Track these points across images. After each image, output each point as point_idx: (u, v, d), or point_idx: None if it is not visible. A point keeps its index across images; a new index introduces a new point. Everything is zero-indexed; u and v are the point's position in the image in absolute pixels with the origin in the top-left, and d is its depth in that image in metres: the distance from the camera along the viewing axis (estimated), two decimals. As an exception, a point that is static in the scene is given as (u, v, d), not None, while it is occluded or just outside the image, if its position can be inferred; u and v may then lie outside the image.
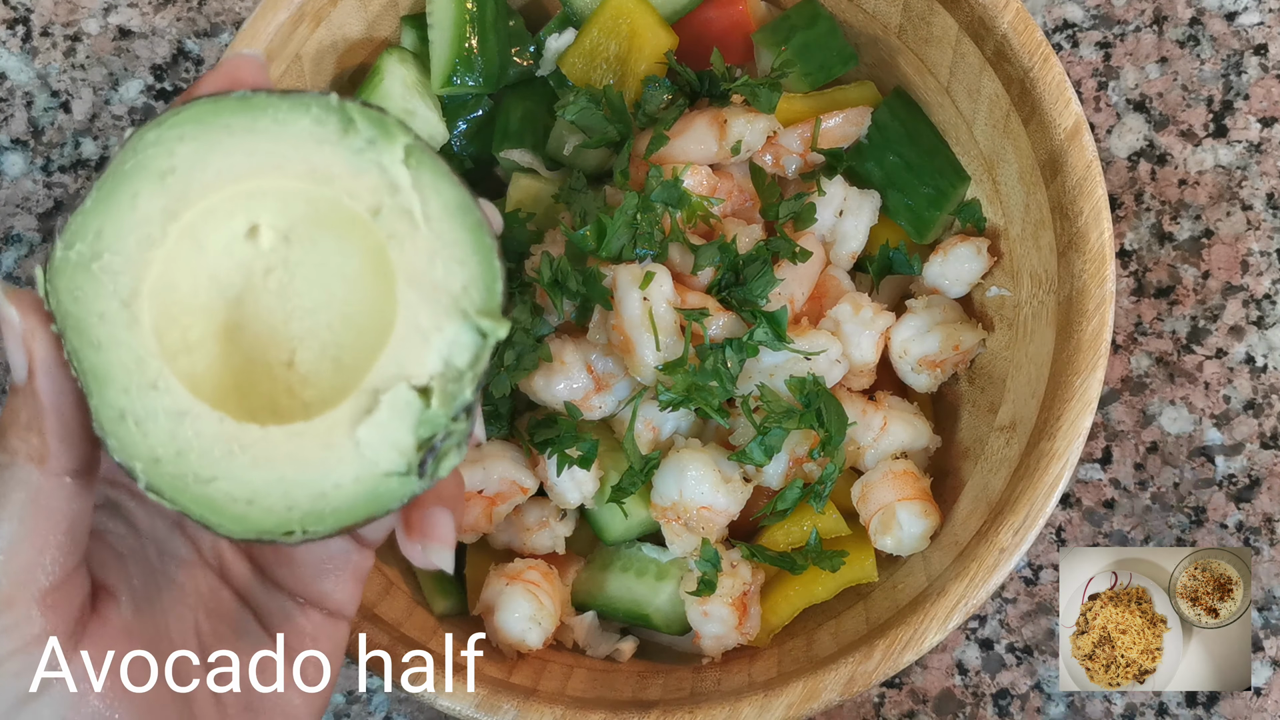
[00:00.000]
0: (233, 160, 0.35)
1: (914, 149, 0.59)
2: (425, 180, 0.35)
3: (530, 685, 0.52)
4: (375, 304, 0.35)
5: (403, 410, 0.34)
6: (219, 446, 0.34)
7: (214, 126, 0.34)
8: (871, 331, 0.56)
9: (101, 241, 0.34)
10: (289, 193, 0.35)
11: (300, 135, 0.35)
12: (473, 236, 0.35)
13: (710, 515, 0.54)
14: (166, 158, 0.34)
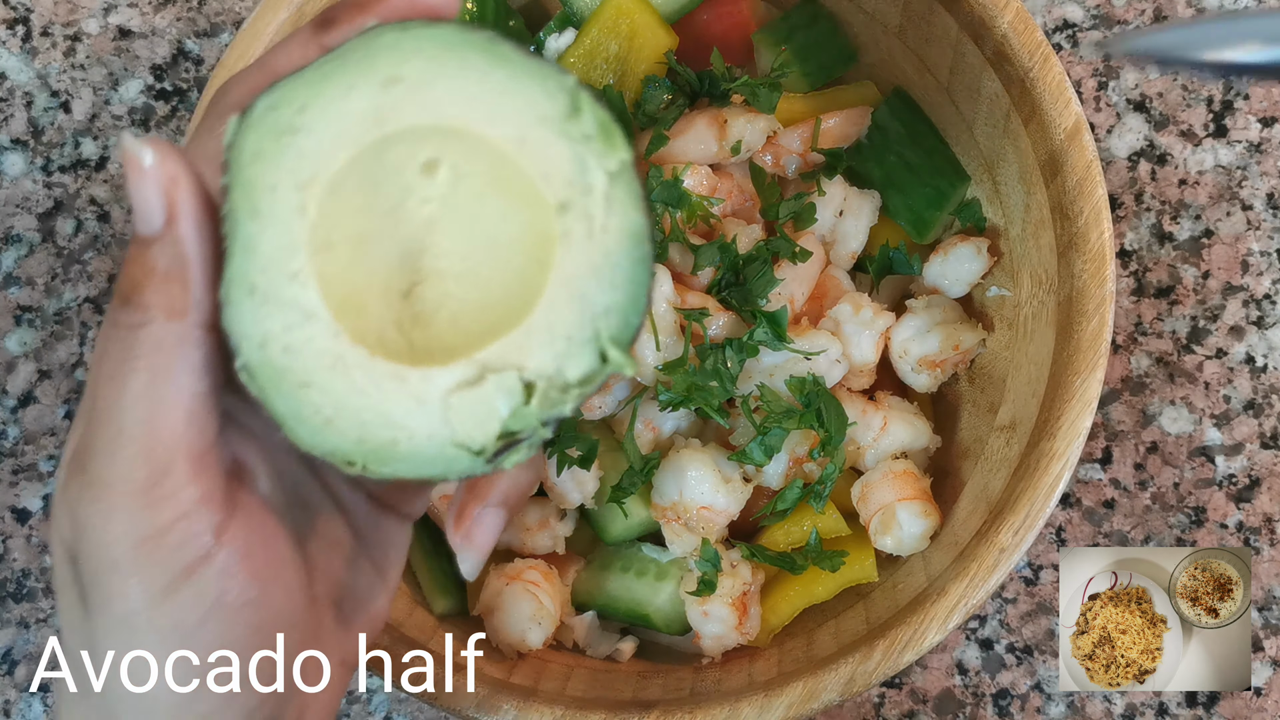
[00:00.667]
0: (454, 95, 0.34)
1: (914, 149, 0.59)
2: (617, 195, 0.35)
3: (530, 685, 0.52)
4: (516, 285, 0.35)
5: (504, 396, 0.34)
6: (325, 358, 0.33)
7: (453, 56, 0.34)
8: (871, 331, 0.56)
9: (301, 117, 0.33)
10: (486, 147, 0.35)
11: (525, 101, 0.34)
12: (634, 268, 0.35)
13: (710, 515, 0.54)
14: (397, 65, 0.34)
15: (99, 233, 0.66)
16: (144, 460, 0.32)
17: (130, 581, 0.32)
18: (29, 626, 0.63)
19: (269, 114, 0.33)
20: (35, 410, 0.64)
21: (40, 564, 0.63)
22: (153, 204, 0.32)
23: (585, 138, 0.34)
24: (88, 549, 0.32)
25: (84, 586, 0.33)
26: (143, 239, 0.33)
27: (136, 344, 0.32)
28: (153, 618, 0.33)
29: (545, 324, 0.34)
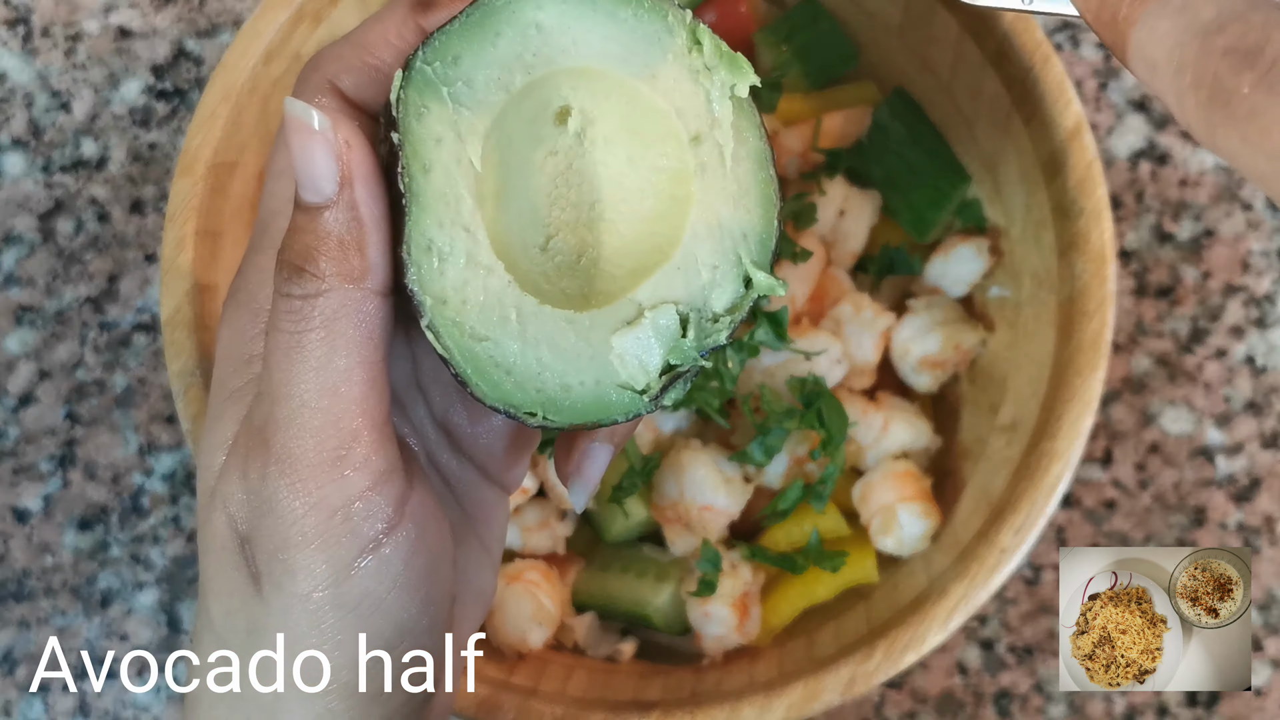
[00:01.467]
0: (587, 36, 0.34)
1: (915, 149, 0.59)
2: (742, 123, 0.35)
3: (530, 685, 0.52)
4: (660, 223, 0.35)
5: (662, 333, 0.34)
6: (499, 310, 0.33)
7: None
8: (872, 331, 0.56)
9: (457, 69, 0.33)
10: (620, 87, 0.35)
11: (650, 37, 0.35)
12: (763, 190, 0.35)
13: (711, 515, 0.54)
14: (536, 9, 0.34)
15: (99, 233, 0.66)
16: (331, 431, 0.31)
17: (318, 556, 0.31)
18: (29, 626, 0.63)
19: (426, 67, 0.33)
20: (35, 410, 0.64)
21: (40, 564, 0.63)
22: (324, 169, 0.31)
23: (707, 69, 0.35)
24: (271, 526, 0.31)
25: (259, 567, 0.32)
26: (312, 206, 0.31)
27: (313, 313, 0.31)
28: (338, 594, 0.31)
29: (691, 257, 0.35)
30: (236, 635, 0.33)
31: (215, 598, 0.33)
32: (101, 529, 0.63)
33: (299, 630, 0.32)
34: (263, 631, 0.32)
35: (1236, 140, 0.26)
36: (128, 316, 0.65)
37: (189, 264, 0.51)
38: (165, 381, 0.64)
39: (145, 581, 0.63)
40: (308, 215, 0.31)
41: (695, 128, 0.35)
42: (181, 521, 0.64)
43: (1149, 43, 0.27)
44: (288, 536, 0.31)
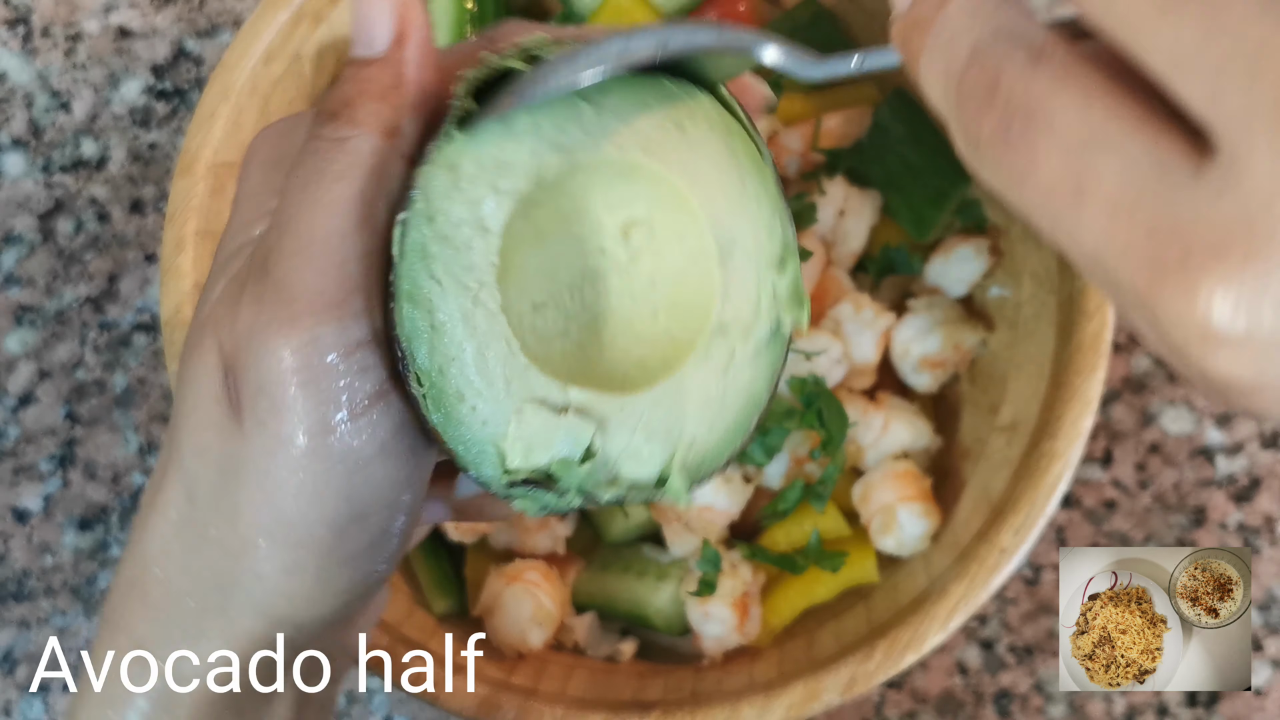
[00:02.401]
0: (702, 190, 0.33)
1: (915, 149, 0.59)
2: (765, 357, 0.34)
3: (530, 686, 0.52)
4: (651, 354, 0.34)
5: (568, 441, 0.32)
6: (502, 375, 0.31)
7: (709, 165, 0.33)
8: (872, 331, 0.56)
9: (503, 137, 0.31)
10: (672, 192, 0.33)
11: (748, 218, 0.33)
12: (738, 426, 0.34)
13: (711, 516, 0.54)
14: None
15: (99, 233, 0.66)
16: (336, 273, 0.30)
17: (308, 398, 0.30)
18: (29, 626, 0.63)
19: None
20: (35, 410, 0.64)
21: (40, 564, 0.63)
22: (380, 23, 0.31)
23: (774, 293, 0.33)
24: (261, 357, 0.30)
25: (242, 399, 0.30)
26: (361, 60, 0.31)
27: (341, 155, 0.30)
28: (324, 444, 0.30)
29: (638, 412, 0.32)
30: (207, 474, 0.31)
31: (188, 432, 0.31)
32: (101, 529, 0.63)
33: (277, 476, 0.30)
34: (237, 472, 0.31)
35: (1001, 183, 0.24)
36: (128, 316, 0.65)
37: (189, 264, 0.51)
38: (165, 381, 0.64)
39: (145, 581, 0.63)
40: (354, 68, 0.31)
41: (729, 319, 0.33)
42: (181, 521, 0.64)
43: (926, 85, 0.26)
44: (278, 371, 0.29)
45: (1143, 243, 0.21)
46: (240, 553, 0.31)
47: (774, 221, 0.33)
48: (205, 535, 0.31)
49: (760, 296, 0.33)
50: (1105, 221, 0.22)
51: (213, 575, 0.32)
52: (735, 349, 0.33)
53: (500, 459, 0.31)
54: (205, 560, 0.32)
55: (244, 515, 0.31)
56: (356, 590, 0.33)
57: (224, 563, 0.31)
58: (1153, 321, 0.21)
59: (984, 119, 0.23)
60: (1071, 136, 0.22)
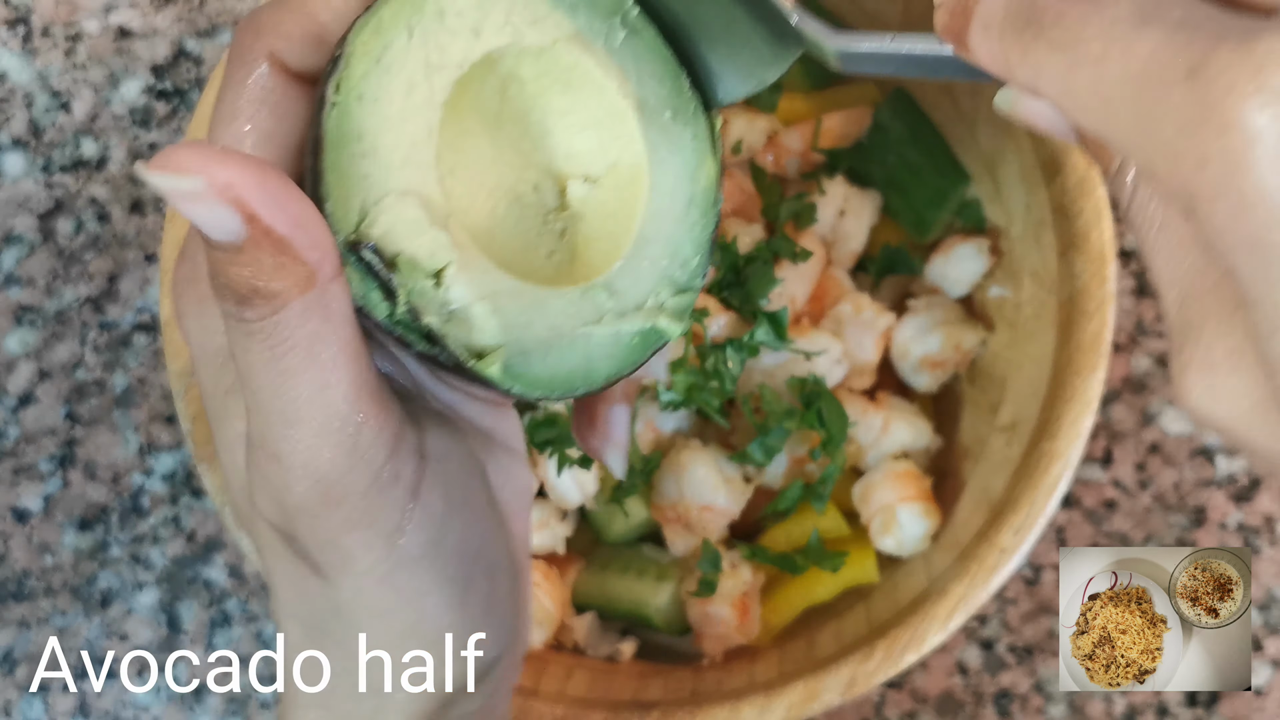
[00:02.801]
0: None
1: (915, 149, 0.59)
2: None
3: (531, 685, 0.52)
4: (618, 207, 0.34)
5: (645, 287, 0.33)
6: (470, 281, 0.31)
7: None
8: (872, 331, 0.56)
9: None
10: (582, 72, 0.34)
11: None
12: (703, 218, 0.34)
13: (711, 515, 0.54)
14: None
15: (99, 233, 0.66)
16: (336, 427, 0.30)
17: (367, 534, 0.31)
18: (29, 626, 0.63)
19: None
20: (35, 410, 0.64)
21: (40, 564, 0.63)
22: (222, 221, 0.28)
23: (662, 303, 0.34)
24: (309, 525, 0.31)
25: (315, 558, 0.32)
26: (229, 245, 0.29)
27: (279, 329, 0.29)
28: (401, 553, 0.31)
29: (495, 288, 0.32)
30: (320, 615, 0.33)
31: (285, 588, 0.33)
32: (101, 529, 0.63)
33: (378, 597, 0.32)
34: (345, 608, 0.32)
35: (1043, 55, 0.24)
36: (128, 316, 0.65)
37: (189, 264, 0.51)
38: (165, 381, 0.64)
39: (145, 581, 0.63)
40: (227, 253, 0.29)
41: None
42: (181, 521, 0.64)
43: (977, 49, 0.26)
44: (329, 528, 0.31)
45: (1189, 51, 0.21)
46: (384, 669, 0.33)
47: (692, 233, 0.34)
48: (346, 663, 0.33)
49: (652, 293, 0.33)
50: (1153, 48, 0.22)
51: (371, 688, 0.33)
52: (606, 314, 0.33)
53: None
54: (355, 680, 0.33)
55: (372, 643, 0.33)
56: (505, 634, 0.35)
57: (373, 678, 0.33)
58: (1193, 127, 0.21)
59: (1048, 10, 0.24)
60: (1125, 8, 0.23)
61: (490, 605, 0.34)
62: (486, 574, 0.34)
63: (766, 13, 0.33)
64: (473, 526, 0.33)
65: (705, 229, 0.34)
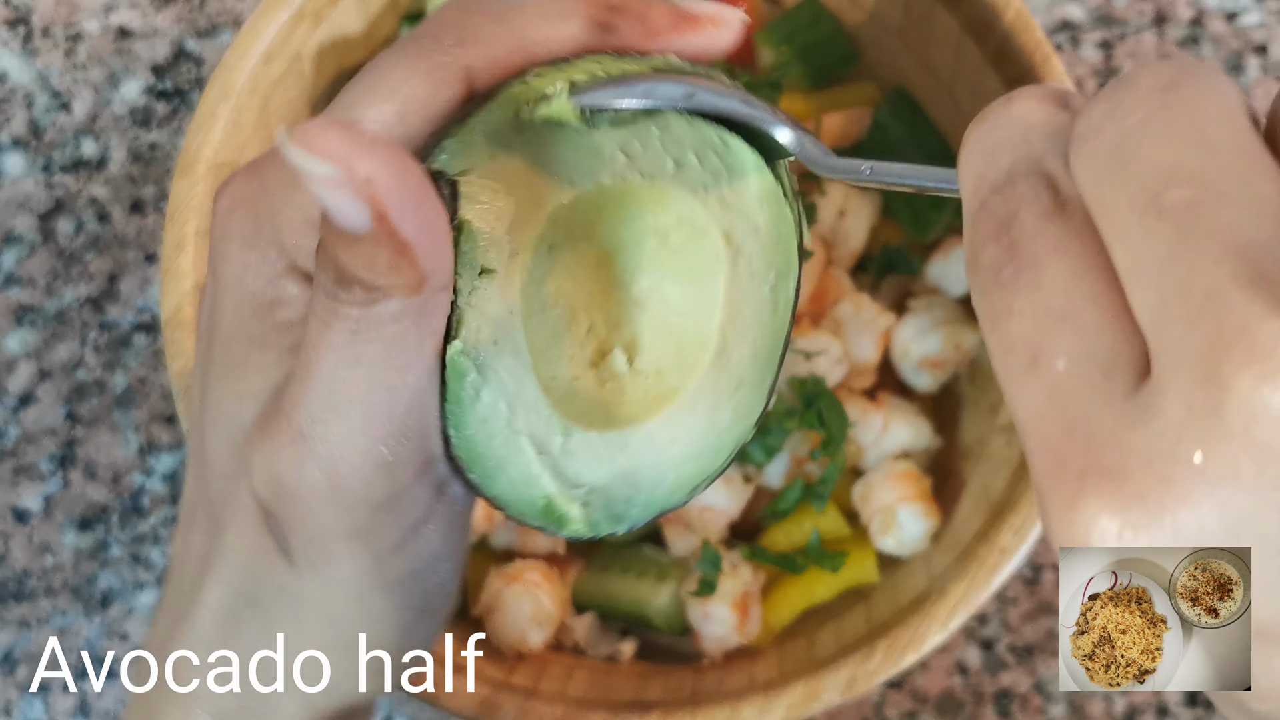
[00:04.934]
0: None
1: (915, 149, 0.59)
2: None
3: (530, 686, 0.52)
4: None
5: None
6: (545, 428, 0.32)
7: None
8: (872, 331, 0.56)
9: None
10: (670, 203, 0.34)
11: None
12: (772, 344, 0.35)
13: (711, 515, 0.54)
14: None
15: (99, 233, 0.66)
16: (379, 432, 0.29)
17: (360, 547, 0.30)
18: (29, 626, 0.63)
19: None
20: (35, 410, 0.64)
21: (40, 564, 0.63)
22: (350, 210, 0.27)
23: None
24: (305, 516, 0.30)
25: (291, 545, 0.30)
26: (347, 233, 0.27)
27: (369, 321, 0.28)
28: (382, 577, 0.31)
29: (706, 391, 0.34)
30: (262, 592, 0.32)
31: (236, 554, 0.32)
32: (101, 529, 0.63)
33: (339, 604, 0.31)
34: (298, 598, 0.31)
35: (979, 311, 0.24)
36: (128, 316, 0.65)
37: (189, 264, 0.51)
38: (165, 381, 0.64)
39: (145, 581, 0.63)
40: (344, 239, 0.28)
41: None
42: (181, 521, 0.64)
43: (960, 172, 0.26)
44: (325, 528, 0.30)
45: (1060, 438, 0.22)
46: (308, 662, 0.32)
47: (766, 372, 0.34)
48: (267, 641, 0.32)
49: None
50: (1042, 400, 0.22)
51: (283, 670, 0.33)
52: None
53: (549, 509, 0.32)
54: (272, 658, 0.32)
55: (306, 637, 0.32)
56: (428, 648, 0.35)
57: (293, 663, 0.32)
58: (1042, 510, 0.23)
59: (989, 247, 0.24)
60: (1051, 304, 0.22)
61: (426, 635, 0.34)
62: (442, 606, 0.33)
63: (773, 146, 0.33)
64: (453, 566, 0.33)
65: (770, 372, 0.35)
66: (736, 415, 0.34)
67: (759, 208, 0.34)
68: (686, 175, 0.32)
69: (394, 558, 0.31)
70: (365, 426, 0.29)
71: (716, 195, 0.33)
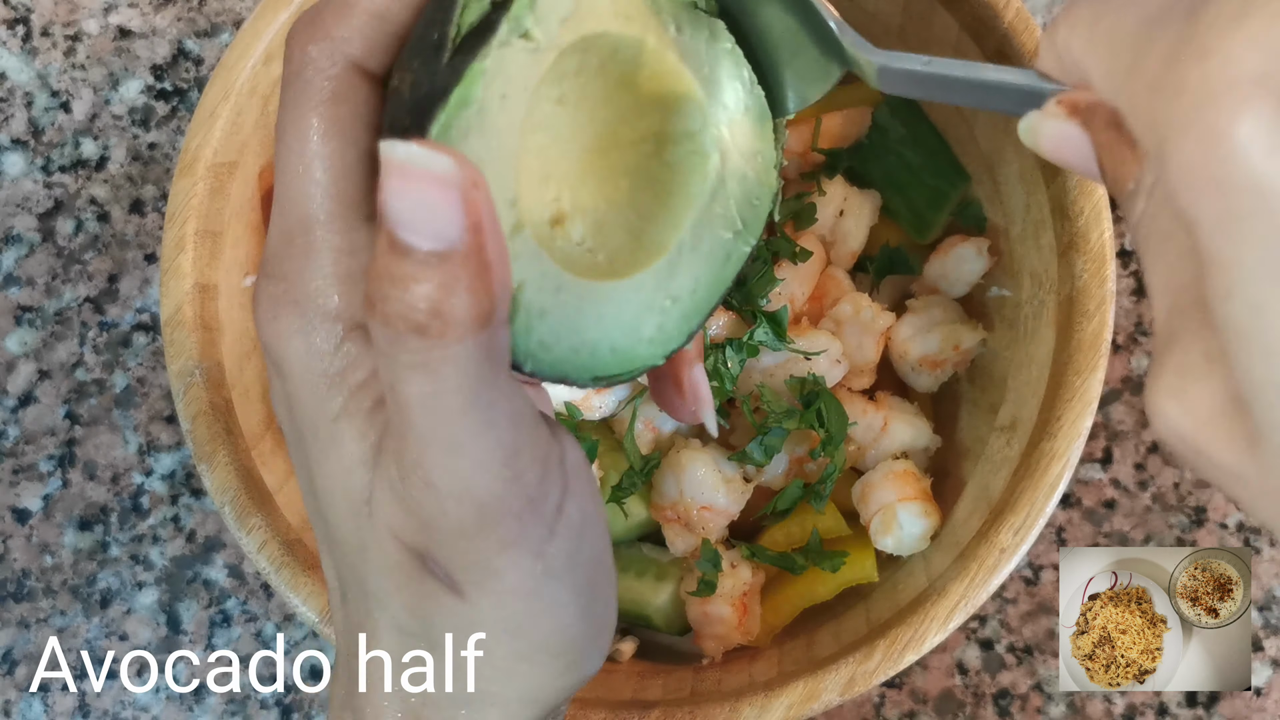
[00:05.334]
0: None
1: (914, 149, 0.59)
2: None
3: (530, 685, 0.52)
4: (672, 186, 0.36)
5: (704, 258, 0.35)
6: (546, 286, 0.32)
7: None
8: (872, 331, 0.56)
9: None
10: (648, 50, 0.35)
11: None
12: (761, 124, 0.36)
13: (710, 515, 0.54)
14: None
15: (99, 233, 0.66)
16: (498, 461, 0.29)
17: (517, 553, 0.30)
18: (29, 626, 0.63)
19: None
20: (35, 410, 0.64)
21: (40, 564, 0.63)
22: (448, 216, 0.26)
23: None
24: (456, 545, 0.30)
25: (455, 577, 0.31)
26: (432, 255, 0.27)
27: (447, 370, 0.27)
28: (547, 569, 0.31)
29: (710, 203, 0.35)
30: (437, 631, 0.32)
31: (397, 603, 0.32)
32: (101, 529, 0.63)
33: (518, 612, 0.31)
34: (477, 624, 0.31)
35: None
36: (128, 316, 0.65)
37: (189, 264, 0.51)
38: (165, 381, 0.64)
39: (145, 581, 0.63)
40: (424, 265, 0.26)
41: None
42: (181, 521, 0.64)
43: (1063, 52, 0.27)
44: (482, 549, 0.30)
45: None
46: (505, 678, 0.33)
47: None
48: (458, 674, 0.33)
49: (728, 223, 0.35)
50: None
51: (481, 695, 0.33)
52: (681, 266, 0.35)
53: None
54: (464, 686, 0.33)
55: (496, 656, 0.32)
56: (610, 636, 0.35)
57: (488, 685, 0.33)
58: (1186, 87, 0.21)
59: None
60: None
61: (607, 611, 0.34)
62: (607, 578, 0.34)
63: (814, 28, 0.34)
64: (599, 532, 0.33)
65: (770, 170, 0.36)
66: (660, 333, 0.35)
67: (752, 159, 0.35)
68: (714, 92, 0.34)
69: (549, 546, 0.31)
70: (484, 460, 0.29)
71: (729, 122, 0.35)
